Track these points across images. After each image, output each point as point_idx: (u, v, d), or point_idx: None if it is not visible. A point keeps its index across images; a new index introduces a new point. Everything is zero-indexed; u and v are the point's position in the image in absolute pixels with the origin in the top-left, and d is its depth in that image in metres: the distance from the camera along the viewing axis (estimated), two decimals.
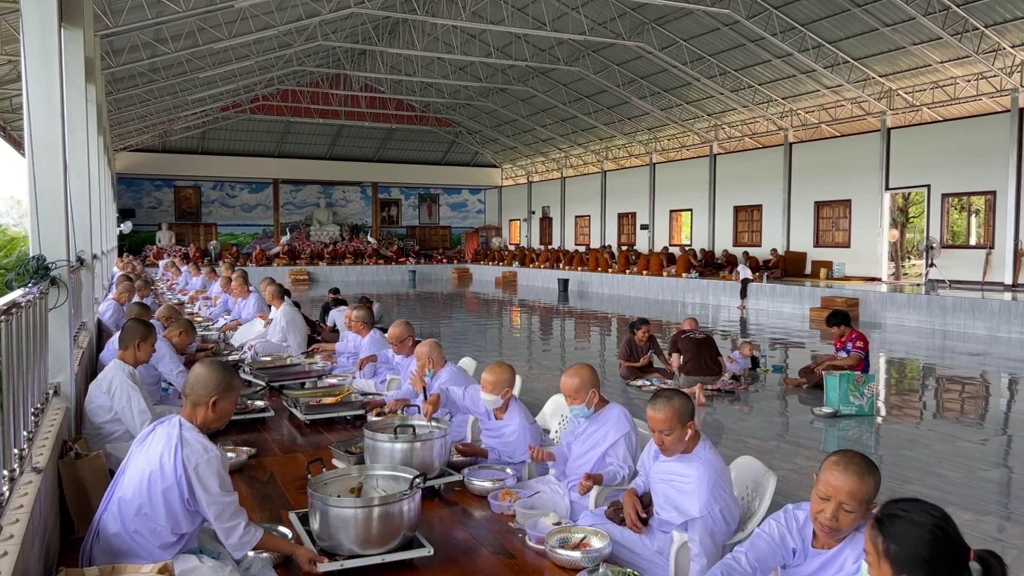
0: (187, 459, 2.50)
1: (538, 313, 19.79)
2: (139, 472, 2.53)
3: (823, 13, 16.88)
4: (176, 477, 2.49)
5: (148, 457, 2.55)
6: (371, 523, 2.65)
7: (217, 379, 2.67)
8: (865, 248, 20.37)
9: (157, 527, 2.51)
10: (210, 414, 2.66)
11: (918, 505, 1.77)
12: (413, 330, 5.61)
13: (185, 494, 2.49)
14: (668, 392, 3.07)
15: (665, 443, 2.99)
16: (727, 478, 2.99)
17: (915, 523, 1.71)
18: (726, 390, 8.61)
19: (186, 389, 2.69)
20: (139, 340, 4.15)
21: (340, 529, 2.64)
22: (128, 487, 2.54)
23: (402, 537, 2.71)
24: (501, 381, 4.00)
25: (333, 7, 18.50)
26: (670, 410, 2.95)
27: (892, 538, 1.72)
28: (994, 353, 11.97)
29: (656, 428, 2.99)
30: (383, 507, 2.67)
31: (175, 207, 33.33)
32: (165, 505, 2.49)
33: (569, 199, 33.82)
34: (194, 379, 2.69)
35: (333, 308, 10.40)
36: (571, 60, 23.46)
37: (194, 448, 2.53)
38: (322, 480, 2.90)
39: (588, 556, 2.75)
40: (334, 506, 2.65)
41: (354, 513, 2.64)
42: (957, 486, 5.52)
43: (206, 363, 2.76)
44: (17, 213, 52.29)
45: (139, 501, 2.50)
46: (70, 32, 5.79)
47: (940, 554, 1.68)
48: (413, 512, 2.74)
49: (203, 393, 2.64)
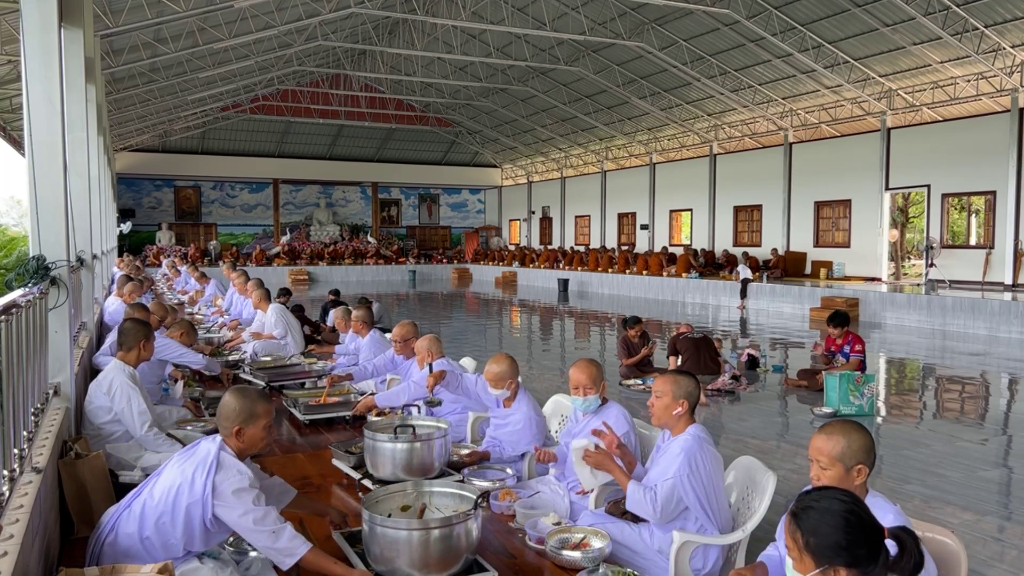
0: (219, 482, 2.48)
1: (538, 313, 19.78)
2: (170, 482, 2.54)
3: (823, 13, 16.87)
4: (203, 495, 2.47)
5: (183, 470, 2.54)
6: (431, 546, 2.43)
7: (237, 407, 2.63)
8: (865, 248, 20.37)
9: (171, 541, 2.51)
10: (239, 443, 2.62)
11: (828, 493, 1.81)
12: (418, 330, 5.61)
13: (208, 514, 2.47)
14: (680, 370, 3.21)
15: (654, 405, 3.16)
16: (711, 460, 3.01)
17: (827, 512, 1.75)
18: (726, 390, 8.61)
19: (218, 420, 2.69)
20: (140, 341, 4.14)
21: (398, 552, 2.43)
22: (157, 493, 2.54)
23: (464, 560, 2.52)
24: (503, 373, 4.06)
25: (333, 7, 18.50)
26: (672, 379, 3.17)
27: (809, 530, 1.75)
28: (994, 353, 11.97)
29: (653, 389, 3.20)
30: (445, 529, 2.45)
31: (175, 207, 33.32)
32: (186, 519, 2.48)
33: (569, 199, 33.82)
34: (220, 409, 2.68)
35: (332, 309, 10.39)
36: (571, 60, 23.46)
37: (229, 473, 2.51)
38: (374, 498, 2.73)
39: (588, 556, 2.76)
40: (391, 527, 2.46)
41: (409, 535, 2.43)
42: (957, 486, 5.52)
43: (232, 391, 2.71)
44: (17, 213, 52.31)
45: (161, 509, 2.50)
46: (70, 32, 5.78)
47: (856, 538, 1.71)
48: (476, 533, 2.54)
49: (226, 424, 2.63)
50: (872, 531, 1.72)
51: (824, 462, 2.35)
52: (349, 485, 3.59)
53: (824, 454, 2.35)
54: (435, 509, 2.79)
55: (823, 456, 2.35)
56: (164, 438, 3.92)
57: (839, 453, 2.32)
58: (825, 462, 2.34)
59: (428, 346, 4.87)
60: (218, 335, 8.41)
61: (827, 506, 1.74)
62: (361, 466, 3.58)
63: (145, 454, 3.81)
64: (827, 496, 1.78)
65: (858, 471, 2.32)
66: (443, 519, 2.52)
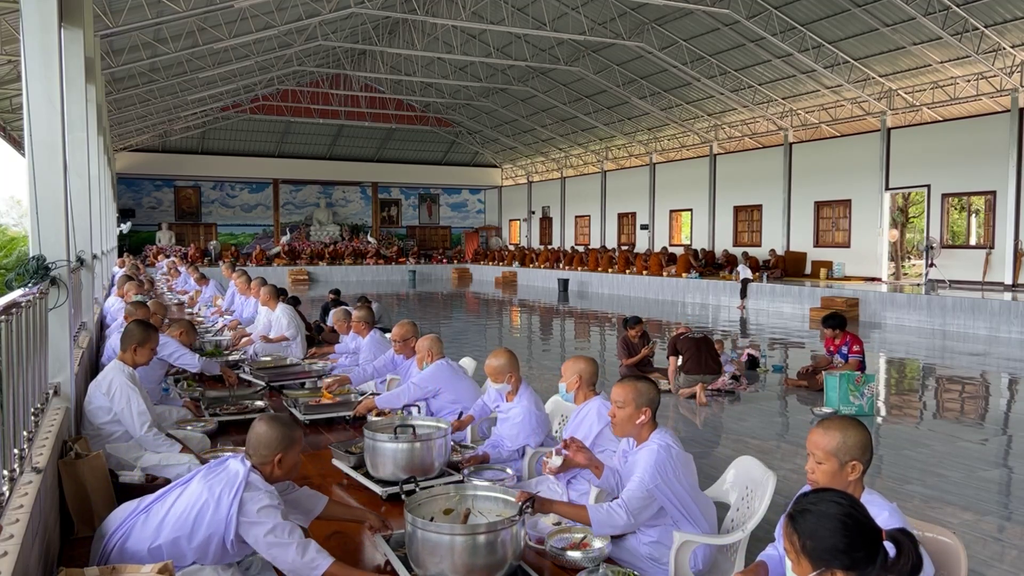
0: (246, 499, 2.47)
1: (538, 313, 19.79)
2: (195, 497, 2.53)
3: (823, 13, 16.87)
4: (228, 514, 2.46)
5: (210, 487, 2.53)
6: (476, 552, 2.40)
7: (277, 436, 2.63)
8: (865, 248, 20.37)
9: (182, 551, 2.50)
10: (278, 471, 2.63)
11: (825, 496, 1.80)
12: (418, 330, 5.61)
13: (232, 535, 2.46)
14: (638, 375, 3.16)
15: (616, 416, 3.07)
16: (681, 466, 2.98)
17: (825, 515, 1.74)
18: (726, 390, 8.61)
19: (249, 449, 2.66)
20: (132, 345, 4.14)
21: (441, 557, 2.41)
22: (180, 507, 2.53)
23: (508, 567, 2.48)
24: (502, 367, 4.13)
25: (333, 7, 18.50)
26: (631, 387, 3.06)
27: (806, 534, 1.74)
28: (994, 353, 11.97)
29: (613, 400, 3.09)
30: (490, 534, 2.42)
31: (175, 207, 33.33)
32: (205, 535, 2.48)
33: (569, 199, 33.82)
34: (255, 439, 2.65)
35: (333, 309, 10.39)
36: (571, 60, 23.46)
37: (258, 492, 2.50)
38: (416, 500, 2.71)
39: (588, 556, 2.75)
40: (432, 531, 2.44)
41: (452, 540, 2.41)
42: (957, 486, 5.52)
43: (264, 420, 2.71)
44: (17, 213, 52.30)
45: (180, 524, 2.50)
46: (70, 32, 5.78)
47: (854, 541, 1.71)
48: (521, 540, 2.53)
49: (266, 453, 2.62)
50: (870, 533, 1.72)
51: (819, 456, 2.36)
52: (349, 485, 3.59)
53: (820, 448, 2.36)
54: (478, 514, 2.76)
55: (819, 450, 2.36)
56: (164, 438, 3.92)
57: (834, 448, 2.33)
58: (820, 456, 2.36)
59: (429, 346, 4.90)
60: (225, 337, 8.33)
61: (824, 509, 1.74)
62: (361, 466, 3.58)
63: (145, 454, 3.81)
64: (824, 499, 1.78)
65: (852, 467, 2.32)
66: (489, 524, 2.49)
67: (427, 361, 4.86)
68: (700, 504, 3.05)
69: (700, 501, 3.06)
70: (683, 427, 7.47)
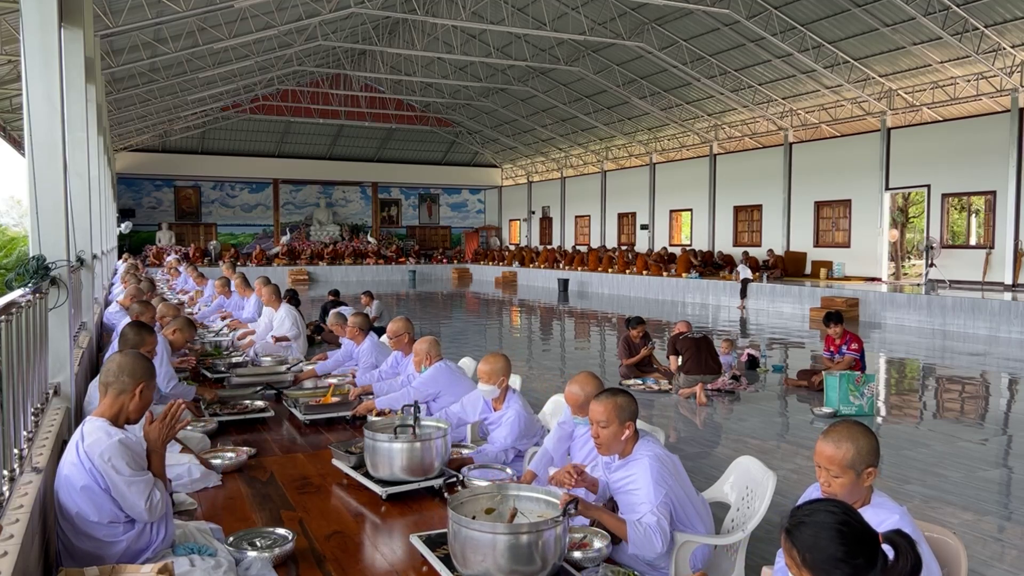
0: (90, 448, 2.46)
1: (538, 313, 19.78)
2: (64, 478, 2.50)
3: (823, 13, 16.88)
4: (87, 469, 2.45)
5: (68, 461, 2.51)
6: (520, 551, 2.40)
7: (144, 367, 2.67)
8: (865, 248, 20.37)
9: (101, 519, 2.47)
10: (141, 401, 2.65)
11: (819, 506, 1.79)
12: (412, 327, 5.61)
13: (103, 484, 2.45)
14: (613, 389, 3.08)
15: (600, 436, 2.97)
16: (671, 466, 2.97)
17: (821, 525, 1.73)
18: (726, 390, 8.61)
19: (110, 377, 2.63)
20: (136, 345, 4.13)
21: (484, 556, 2.40)
22: (64, 496, 2.50)
23: (552, 567, 2.48)
24: (496, 370, 4.13)
25: (333, 7, 18.50)
26: (611, 404, 2.95)
27: (805, 547, 1.73)
28: (994, 353, 11.97)
29: (594, 419, 2.98)
30: (534, 534, 2.42)
31: (175, 207, 33.33)
32: (91, 501, 2.45)
33: (569, 199, 33.83)
34: (116, 367, 2.64)
35: (332, 309, 10.38)
36: (571, 60, 23.46)
37: (97, 437, 2.49)
38: (459, 499, 2.71)
39: (588, 556, 2.75)
40: (476, 530, 2.43)
41: (494, 539, 2.41)
42: (957, 486, 5.52)
43: (127, 352, 2.74)
44: (17, 213, 52.32)
45: (73, 504, 2.46)
46: (70, 32, 5.78)
47: (852, 549, 1.70)
48: (565, 540, 2.53)
49: (129, 381, 2.62)
50: (867, 539, 1.72)
51: (835, 471, 2.31)
52: (349, 485, 3.59)
53: (835, 463, 2.30)
54: (522, 514, 2.75)
55: (833, 465, 2.31)
56: None
57: (850, 460, 2.29)
58: (836, 471, 2.30)
59: (427, 349, 4.89)
60: (225, 338, 8.30)
61: (820, 519, 1.74)
62: (361, 466, 3.58)
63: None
64: (818, 509, 1.77)
65: (868, 474, 2.30)
66: (532, 524, 2.48)
67: (425, 364, 4.85)
68: (696, 504, 3.05)
69: (695, 501, 3.06)
70: (683, 427, 7.47)
